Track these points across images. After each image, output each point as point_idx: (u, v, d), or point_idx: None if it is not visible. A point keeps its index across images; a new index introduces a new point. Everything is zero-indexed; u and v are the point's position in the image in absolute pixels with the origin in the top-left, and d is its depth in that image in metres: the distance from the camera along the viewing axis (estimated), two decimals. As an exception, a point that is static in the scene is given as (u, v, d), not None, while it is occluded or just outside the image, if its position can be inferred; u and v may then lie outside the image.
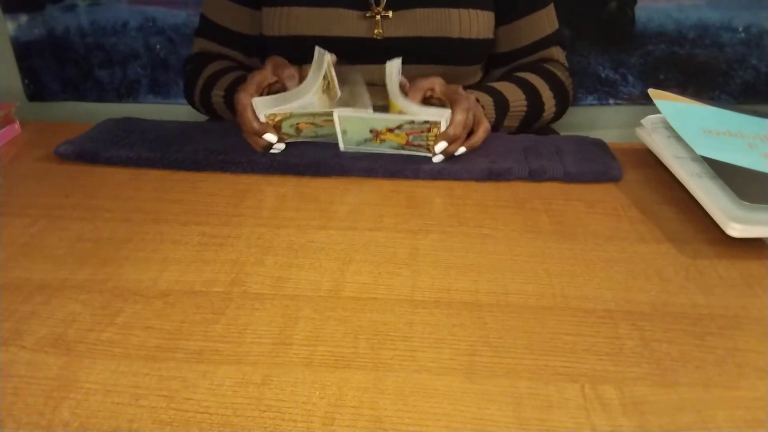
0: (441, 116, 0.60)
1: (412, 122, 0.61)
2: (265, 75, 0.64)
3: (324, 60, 0.62)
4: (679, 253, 0.50)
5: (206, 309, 0.43)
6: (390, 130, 0.62)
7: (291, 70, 0.64)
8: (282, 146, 0.65)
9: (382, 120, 0.61)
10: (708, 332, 0.41)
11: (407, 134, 0.62)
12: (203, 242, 0.51)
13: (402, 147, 0.64)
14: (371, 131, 0.62)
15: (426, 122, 0.60)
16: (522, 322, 0.42)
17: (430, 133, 0.61)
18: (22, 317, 0.42)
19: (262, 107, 0.61)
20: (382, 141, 0.63)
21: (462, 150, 0.63)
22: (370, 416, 0.34)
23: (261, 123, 0.62)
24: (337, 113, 0.61)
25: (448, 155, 0.63)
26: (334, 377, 0.37)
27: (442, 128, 0.61)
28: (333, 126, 0.62)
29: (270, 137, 0.63)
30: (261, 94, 0.64)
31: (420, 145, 0.63)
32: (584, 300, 0.44)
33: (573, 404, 0.35)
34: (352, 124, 0.62)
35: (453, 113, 0.61)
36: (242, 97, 0.62)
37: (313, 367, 0.38)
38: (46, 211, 0.56)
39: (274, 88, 0.65)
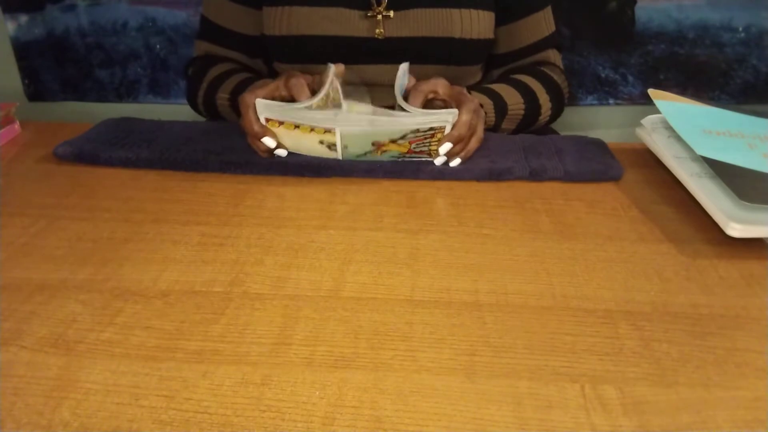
0: (447, 120, 0.59)
1: (416, 131, 0.59)
2: (278, 85, 0.63)
3: (329, 71, 0.61)
4: (679, 253, 0.50)
5: (206, 309, 0.43)
6: (393, 141, 0.61)
7: (302, 84, 0.62)
8: (284, 152, 0.64)
9: (386, 133, 0.60)
10: (708, 332, 0.41)
11: (410, 143, 0.61)
12: (203, 242, 0.51)
13: (403, 156, 0.63)
14: (373, 144, 0.61)
15: (431, 129, 0.59)
16: (522, 322, 0.42)
17: (434, 139, 0.60)
18: (22, 317, 0.42)
19: (264, 110, 0.61)
20: (384, 152, 0.62)
21: (457, 162, 0.63)
22: (370, 416, 0.34)
23: (261, 126, 0.62)
24: (339, 130, 0.59)
25: (451, 157, 0.62)
26: (334, 377, 0.37)
27: (447, 130, 0.60)
28: (333, 137, 0.61)
29: (268, 141, 0.62)
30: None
31: (422, 152, 0.62)
32: (584, 300, 0.44)
33: (573, 404, 0.35)
34: (354, 139, 0.61)
35: (459, 114, 0.60)
36: (247, 97, 0.62)
37: (313, 367, 0.38)
38: (46, 211, 0.56)
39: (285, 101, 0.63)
